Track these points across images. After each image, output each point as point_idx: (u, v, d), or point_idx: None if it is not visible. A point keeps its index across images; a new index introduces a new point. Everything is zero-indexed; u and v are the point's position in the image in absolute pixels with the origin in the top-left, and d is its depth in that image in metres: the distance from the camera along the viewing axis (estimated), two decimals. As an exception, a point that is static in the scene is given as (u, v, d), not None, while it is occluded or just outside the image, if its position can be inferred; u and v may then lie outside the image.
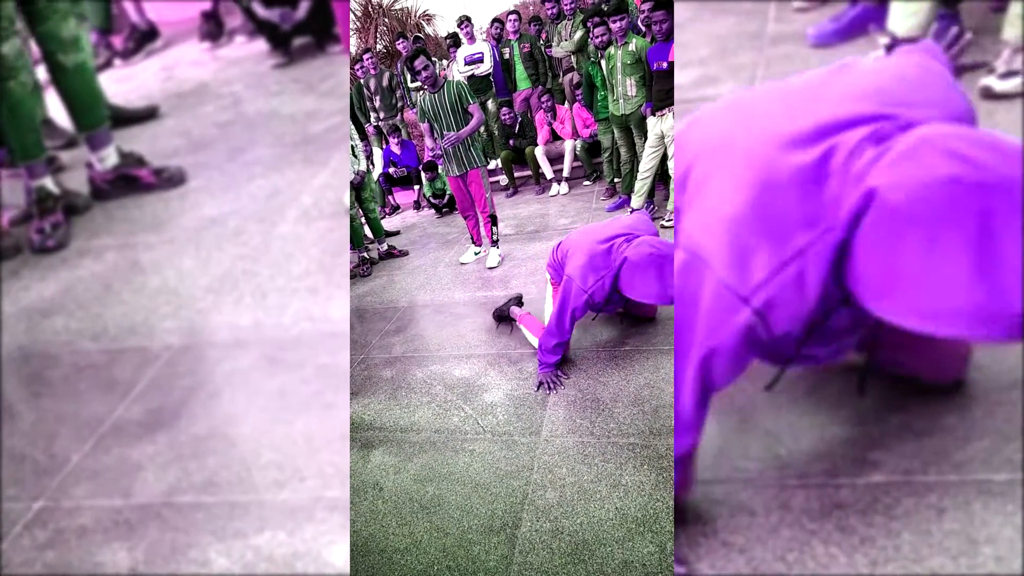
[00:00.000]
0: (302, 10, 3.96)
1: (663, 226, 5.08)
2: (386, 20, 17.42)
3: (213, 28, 4.51)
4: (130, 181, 3.14)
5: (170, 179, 3.14)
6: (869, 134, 1.29)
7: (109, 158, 3.13)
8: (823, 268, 1.29)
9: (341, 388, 2.04)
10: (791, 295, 1.32)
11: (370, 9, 17.42)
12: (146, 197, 3.11)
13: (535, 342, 3.38)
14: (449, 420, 3.04)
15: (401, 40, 8.56)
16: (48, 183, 3.02)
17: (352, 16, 16.55)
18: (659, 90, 5.01)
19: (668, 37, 4.80)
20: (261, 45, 4.22)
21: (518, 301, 3.97)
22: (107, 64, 4.57)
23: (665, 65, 4.85)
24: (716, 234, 1.36)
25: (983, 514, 1.50)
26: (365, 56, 7.93)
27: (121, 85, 4.25)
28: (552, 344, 3.12)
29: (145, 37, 4.67)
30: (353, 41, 16.64)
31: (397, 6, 17.63)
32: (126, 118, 3.73)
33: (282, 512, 1.75)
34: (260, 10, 3.94)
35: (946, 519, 1.51)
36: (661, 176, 5.67)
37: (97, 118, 3.09)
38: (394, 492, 2.57)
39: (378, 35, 17.19)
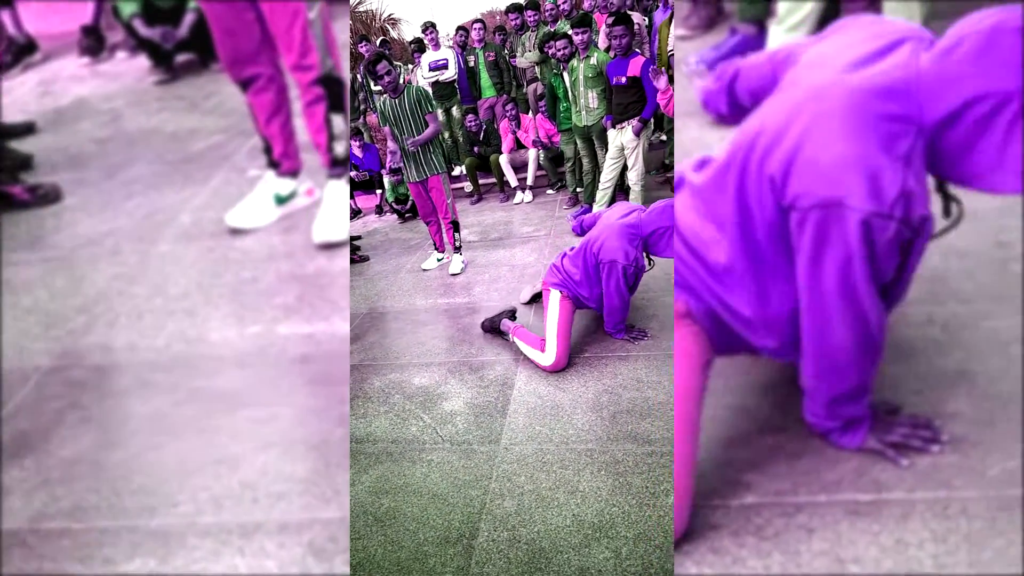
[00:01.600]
0: (184, 28, 3.92)
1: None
2: (350, 22, 17.12)
3: (94, 43, 4.41)
4: (3, 198, 3.05)
5: (45, 196, 3.07)
6: (914, 48, 1.39)
7: (-21, 175, 3.04)
8: (923, 163, 1.41)
9: (215, 412, 2.05)
10: (919, 189, 1.40)
11: (333, 11, 17.01)
12: (20, 214, 3.03)
13: (532, 354, 3.40)
14: (407, 430, 2.98)
15: (364, 43, 8.45)
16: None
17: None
18: (618, 103, 5.20)
19: (627, 52, 4.99)
20: (143, 61, 4.16)
21: (511, 314, 3.91)
22: (-19, 77, 4.41)
23: (624, 80, 5.02)
24: (842, 174, 1.38)
25: (850, 534, 1.55)
26: (327, 58, 7.74)
27: (-4, 99, 4.11)
28: (618, 321, 3.45)
29: (23, 51, 4.53)
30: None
31: (361, 8, 17.30)
32: (1, 133, 3.62)
33: (154, 538, 1.73)
34: (142, 28, 3.88)
35: (815, 539, 1.56)
36: (620, 185, 5.85)
37: (-34, 134, 2.99)
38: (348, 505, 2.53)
39: (341, 37, 16.82)
